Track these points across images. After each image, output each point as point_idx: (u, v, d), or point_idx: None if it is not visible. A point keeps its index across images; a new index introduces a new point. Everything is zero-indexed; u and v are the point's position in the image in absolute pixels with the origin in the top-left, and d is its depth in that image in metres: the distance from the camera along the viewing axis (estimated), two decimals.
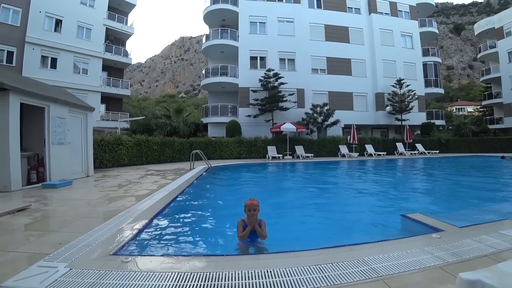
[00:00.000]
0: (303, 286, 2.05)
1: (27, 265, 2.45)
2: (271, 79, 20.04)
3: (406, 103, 22.30)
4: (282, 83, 20.15)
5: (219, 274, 2.26)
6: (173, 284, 2.10)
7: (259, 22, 22.84)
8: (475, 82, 77.30)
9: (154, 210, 4.54)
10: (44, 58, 20.82)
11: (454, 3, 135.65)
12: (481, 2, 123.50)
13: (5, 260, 2.58)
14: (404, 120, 22.53)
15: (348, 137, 19.54)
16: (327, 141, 19.77)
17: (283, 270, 2.29)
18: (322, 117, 19.99)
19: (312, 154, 18.47)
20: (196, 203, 5.96)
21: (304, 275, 2.20)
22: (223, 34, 22.53)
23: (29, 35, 19.83)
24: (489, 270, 1.76)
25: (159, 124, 21.04)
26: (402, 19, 26.04)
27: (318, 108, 20.15)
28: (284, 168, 13.77)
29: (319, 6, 24.47)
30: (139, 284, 2.10)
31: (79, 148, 9.29)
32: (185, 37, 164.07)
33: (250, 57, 22.32)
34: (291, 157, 17.87)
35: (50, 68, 21.02)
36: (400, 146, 20.70)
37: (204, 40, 23.97)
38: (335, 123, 19.98)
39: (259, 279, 2.17)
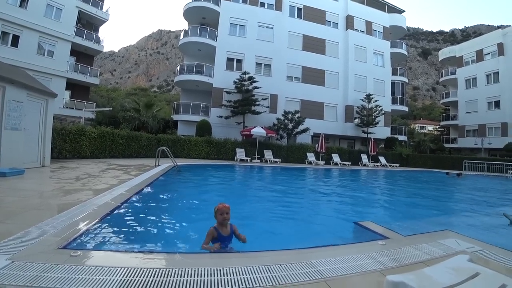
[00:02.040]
0: (250, 285, 2.15)
1: None
2: (246, 82, 20.17)
3: (373, 117, 23.55)
4: (256, 87, 20.36)
5: (169, 270, 2.29)
6: (122, 279, 2.10)
7: (240, 25, 22.95)
8: (436, 104, 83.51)
9: (110, 206, 4.42)
10: (4, 34, 19.20)
11: (424, 29, 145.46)
12: (447, 32, 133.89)
13: None
14: (370, 133, 23.77)
15: (316, 145, 20.17)
16: (296, 147, 20.24)
17: (233, 269, 2.37)
18: (292, 124, 20.47)
19: (280, 160, 18.83)
20: (156, 201, 5.86)
21: (253, 275, 2.30)
22: (202, 32, 22.32)
23: None
24: (414, 274, 1.98)
25: (127, 117, 20.22)
26: (376, 38, 27.59)
27: (290, 115, 20.60)
28: (251, 171, 13.92)
29: (299, 16, 25.19)
30: (86, 278, 2.08)
31: (36, 136, 8.73)
32: (163, 30, 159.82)
33: (227, 58, 22.33)
34: (259, 161, 18.07)
35: (11, 46, 19.50)
36: (364, 157, 21.76)
37: (182, 36, 23.60)
38: (304, 130, 20.52)
39: (209, 276, 2.23)
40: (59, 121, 15.34)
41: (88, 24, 25.68)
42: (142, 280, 2.10)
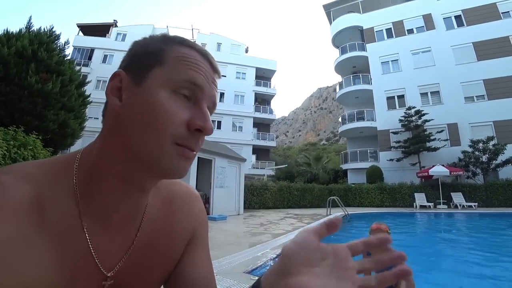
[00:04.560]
0: None
1: None
2: (413, 118, 18.37)
3: None
4: (426, 120, 18.03)
5: None
6: None
7: (391, 61, 22.10)
8: None
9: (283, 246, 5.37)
10: (213, 121, 27.96)
11: None
12: None
13: None
14: None
15: None
16: (500, 185, 15.07)
17: None
18: (487, 155, 16.02)
19: (477, 203, 14.68)
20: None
21: None
22: (355, 80, 23.09)
23: None
24: None
25: (300, 171, 22.67)
26: None
27: (481, 144, 16.25)
28: (437, 220, 11.72)
29: (460, 25, 20.95)
30: None
31: (233, 191, 11.65)
32: (322, 88, 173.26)
33: (387, 97, 21.49)
34: (446, 206, 14.99)
35: (217, 128, 27.32)
36: None
37: (337, 89, 25.16)
38: (508, 161, 15.40)
39: None
40: (248, 179, 19.28)
41: (262, 100, 32.48)
42: None
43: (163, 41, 0.47)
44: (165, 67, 0.44)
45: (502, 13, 20.08)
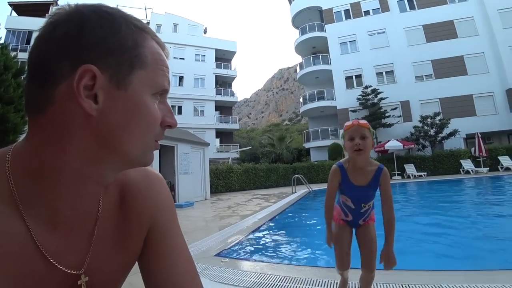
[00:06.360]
0: None
1: None
2: (370, 96, 19.29)
3: None
4: (382, 98, 19.11)
5: (297, 278, 2.71)
6: (254, 280, 2.67)
7: (349, 41, 22.79)
8: None
9: (251, 228, 5.35)
10: (172, 107, 26.87)
11: None
12: None
13: None
14: None
15: (473, 149, 16.26)
16: (444, 156, 16.98)
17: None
18: (435, 129, 17.59)
19: (426, 173, 16.26)
20: (289, 223, 6.46)
21: None
22: (315, 61, 23.46)
23: None
24: None
25: (265, 152, 22.92)
26: None
27: (429, 120, 17.83)
28: (393, 190, 12.62)
29: (412, 8, 22.22)
30: (231, 277, 2.78)
31: (199, 177, 11.38)
32: (283, 69, 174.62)
33: (345, 77, 22.25)
34: (400, 177, 16.25)
35: (177, 114, 26.36)
36: None
37: (298, 70, 25.42)
38: (452, 134, 17.19)
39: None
40: (213, 164, 19.06)
41: (223, 83, 31.78)
42: (268, 283, 2.61)
43: (137, 32, 0.44)
44: (147, 71, 0.44)
45: None
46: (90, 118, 0.39)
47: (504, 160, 15.56)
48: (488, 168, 15.39)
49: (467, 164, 15.90)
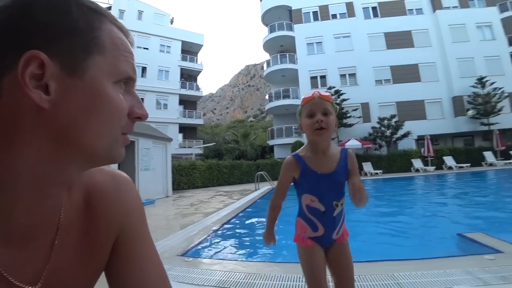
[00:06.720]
0: None
1: None
2: (333, 97, 19.95)
3: (493, 103, 19.08)
4: (344, 99, 19.91)
5: (260, 275, 2.69)
6: (220, 279, 2.60)
7: (316, 43, 23.37)
8: None
9: (214, 226, 5.25)
10: None
11: None
12: None
13: None
14: (492, 124, 19.17)
15: (422, 149, 17.81)
16: (398, 155, 18.42)
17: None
18: (390, 130, 18.85)
19: (381, 170, 17.36)
20: (251, 220, 6.44)
21: None
22: (282, 59, 23.71)
23: None
24: None
25: (229, 149, 22.78)
26: (476, 9, 22.82)
27: (386, 121, 19.06)
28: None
29: (375, 15, 23.72)
30: (195, 277, 2.68)
31: (160, 173, 10.93)
32: (250, 65, 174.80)
33: (310, 77, 22.82)
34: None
35: None
36: (489, 155, 17.52)
37: (265, 67, 25.54)
38: (405, 135, 18.56)
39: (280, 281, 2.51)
40: (176, 159, 18.49)
41: (189, 76, 30.85)
42: (234, 280, 2.56)
43: (90, 13, 0.39)
44: (105, 56, 0.39)
45: (408, 10, 23.60)
46: (43, 111, 0.35)
47: (448, 160, 17.48)
48: (434, 167, 17.12)
49: (417, 163, 17.51)
